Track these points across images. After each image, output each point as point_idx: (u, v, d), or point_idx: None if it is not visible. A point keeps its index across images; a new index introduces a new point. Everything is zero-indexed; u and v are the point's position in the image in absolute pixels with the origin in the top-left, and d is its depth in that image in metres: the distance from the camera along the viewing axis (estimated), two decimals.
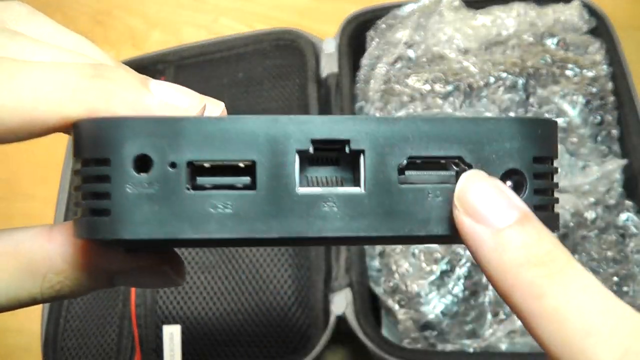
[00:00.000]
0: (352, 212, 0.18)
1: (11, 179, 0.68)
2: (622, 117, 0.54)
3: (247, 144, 0.17)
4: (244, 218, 0.17)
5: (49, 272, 0.20)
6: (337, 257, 0.52)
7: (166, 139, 0.17)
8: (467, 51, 0.58)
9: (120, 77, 0.19)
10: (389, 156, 0.18)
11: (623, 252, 0.49)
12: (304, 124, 0.18)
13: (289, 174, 0.17)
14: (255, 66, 0.61)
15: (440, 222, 0.18)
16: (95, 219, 0.17)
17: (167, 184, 0.17)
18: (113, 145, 0.17)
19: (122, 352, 0.51)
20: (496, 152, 0.18)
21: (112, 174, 0.17)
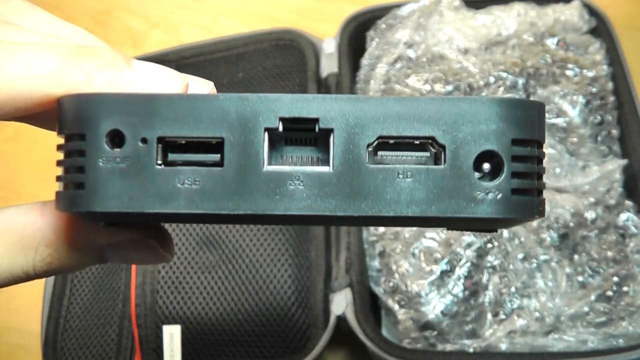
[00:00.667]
0: (319, 191, 0.18)
1: (11, 179, 0.68)
2: (622, 117, 0.54)
3: (216, 121, 0.18)
4: (210, 194, 0.18)
5: (40, 245, 0.21)
6: (337, 257, 0.52)
7: (138, 116, 0.17)
8: (467, 51, 0.58)
9: (103, 56, 0.19)
10: (358, 135, 0.18)
11: (623, 252, 0.49)
12: (272, 102, 0.18)
13: (256, 152, 0.18)
14: (255, 66, 0.61)
15: (410, 203, 0.18)
16: (72, 192, 0.18)
17: (137, 159, 0.17)
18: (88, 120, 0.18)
19: (122, 352, 0.51)
20: (472, 133, 0.18)
21: (87, 149, 0.18)
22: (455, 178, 0.18)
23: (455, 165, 0.18)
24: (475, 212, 0.18)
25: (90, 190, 0.18)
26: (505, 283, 0.48)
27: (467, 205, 0.18)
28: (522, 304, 0.47)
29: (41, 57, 0.19)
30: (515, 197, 0.18)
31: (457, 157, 0.18)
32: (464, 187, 0.18)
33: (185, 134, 0.18)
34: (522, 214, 0.18)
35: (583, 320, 0.47)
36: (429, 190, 0.18)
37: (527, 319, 0.47)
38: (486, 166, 0.18)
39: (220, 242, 0.53)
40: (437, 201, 0.18)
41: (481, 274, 0.48)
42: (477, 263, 0.48)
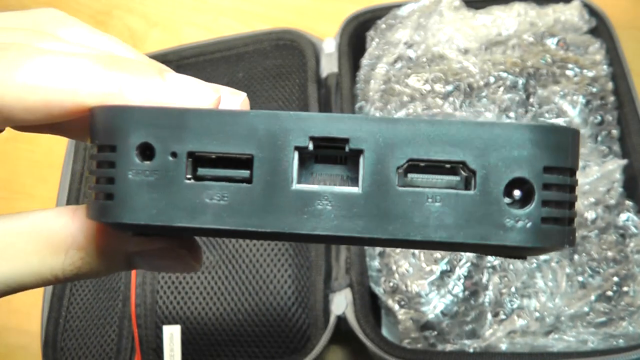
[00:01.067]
0: (347, 211, 0.18)
1: (11, 179, 0.68)
2: (622, 117, 0.54)
3: (246, 137, 0.17)
4: (238, 210, 0.18)
5: (71, 248, 0.21)
6: (337, 257, 0.52)
7: (169, 129, 0.18)
8: (467, 51, 0.58)
9: (136, 66, 0.20)
10: (388, 157, 0.18)
11: (623, 252, 0.49)
12: (303, 121, 0.18)
13: (285, 170, 0.18)
14: (255, 66, 0.61)
15: (438, 228, 0.18)
16: (102, 202, 0.18)
17: (167, 172, 0.18)
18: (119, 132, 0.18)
19: (122, 352, 0.51)
20: (503, 159, 0.17)
21: (117, 160, 0.18)
22: (485, 204, 0.17)
23: (485, 191, 0.17)
24: (504, 239, 0.17)
25: (119, 202, 0.18)
26: (505, 283, 0.48)
27: (495, 233, 0.17)
28: (522, 304, 0.47)
29: (74, 66, 0.19)
30: (545, 226, 0.18)
31: (488, 183, 0.17)
32: (494, 213, 0.17)
33: (215, 150, 0.18)
34: (551, 243, 0.18)
35: (583, 320, 0.47)
36: (457, 216, 0.17)
37: (527, 319, 0.47)
38: (517, 193, 0.18)
39: (220, 242, 0.53)
40: (465, 227, 0.17)
41: (481, 274, 0.48)
42: (477, 263, 0.48)
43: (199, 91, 0.20)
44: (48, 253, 0.21)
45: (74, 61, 0.19)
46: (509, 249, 0.18)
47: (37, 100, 0.19)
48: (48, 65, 0.19)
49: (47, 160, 0.66)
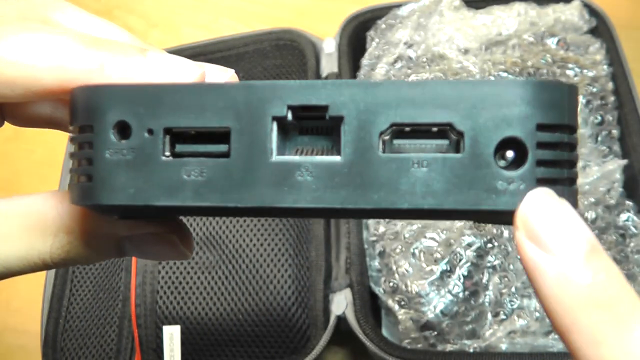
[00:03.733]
0: (329, 182, 0.17)
1: (11, 178, 0.68)
2: (623, 117, 0.54)
3: (222, 110, 0.17)
4: (217, 186, 0.17)
5: (60, 231, 0.21)
6: (337, 257, 0.52)
7: (144, 106, 0.17)
8: (467, 51, 0.58)
9: (117, 45, 0.19)
10: (370, 123, 0.17)
11: (623, 252, 0.49)
12: (279, 90, 0.17)
13: (263, 141, 0.17)
14: (255, 66, 0.61)
15: (426, 194, 0.16)
16: (81, 184, 0.18)
17: (143, 150, 0.17)
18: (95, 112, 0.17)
19: (122, 352, 0.51)
20: (492, 118, 0.16)
21: (95, 140, 0.17)
22: (475, 167, 0.16)
23: (474, 153, 0.16)
24: (496, 204, 0.16)
25: (97, 183, 0.17)
26: (505, 283, 0.48)
27: (487, 197, 0.16)
28: (522, 304, 0.47)
29: (55, 43, 0.19)
30: (542, 186, 0.17)
31: (477, 145, 0.16)
32: (484, 177, 0.16)
33: (192, 124, 0.17)
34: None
35: None
36: (446, 181, 0.16)
37: (528, 319, 0.47)
38: (509, 154, 0.17)
39: (220, 242, 0.53)
40: (455, 192, 0.16)
41: (481, 274, 0.48)
42: (477, 263, 0.48)
43: (182, 67, 0.19)
44: (36, 236, 0.20)
45: (54, 38, 0.19)
46: (502, 214, 0.17)
47: (16, 75, 0.19)
48: (29, 41, 0.19)
49: (47, 160, 0.66)
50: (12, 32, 0.19)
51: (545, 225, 0.16)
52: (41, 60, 0.19)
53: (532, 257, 0.16)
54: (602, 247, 0.16)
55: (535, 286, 0.16)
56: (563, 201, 0.16)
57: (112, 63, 0.19)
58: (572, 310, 0.16)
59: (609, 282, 0.16)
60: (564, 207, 0.16)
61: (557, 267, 0.16)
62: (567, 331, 0.16)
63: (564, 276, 0.16)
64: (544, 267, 0.16)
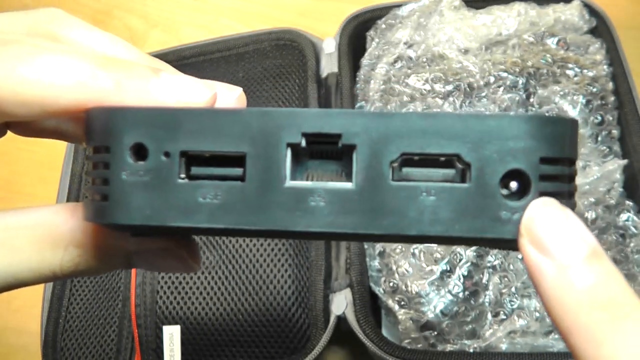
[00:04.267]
0: (341, 207, 0.17)
1: (11, 179, 0.68)
2: (623, 117, 0.54)
3: (238, 135, 0.17)
4: (231, 209, 0.17)
5: (70, 244, 0.21)
6: (337, 257, 0.52)
7: (162, 129, 0.17)
8: (467, 51, 0.58)
9: (131, 66, 0.20)
10: (381, 152, 0.17)
11: (623, 252, 0.49)
12: (295, 117, 0.17)
13: (278, 167, 0.17)
14: (255, 66, 0.61)
15: (434, 222, 0.17)
16: (97, 203, 0.18)
17: (160, 172, 0.17)
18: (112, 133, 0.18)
19: (122, 352, 0.51)
20: (498, 151, 0.17)
21: (111, 161, 0.18)
22: (481, 197, 0.17)
23: (480, 183, 0.17)
24: (501, 232, 0.17)
25: (113, 203, 0.18)
26: (505, 283, 0.48)
27: (492, 226, 0.17)
28: (522, 304, 0.47)
29: (71, 63, 0.19)
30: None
31: (483, 176, 0.17)
32: (490, 206, 0.17)
33: (208, 148, 0.17)
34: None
35: None
36: (453, 209, 0.17)
37: (528, 319, 0.47)
38: (513, 185, 0.17)
39: (220, 242, 0.53)
40: (461, 220, 0.17)
41: (481, 274, 0.48)
42: (477, 263, 0.48)
43: (194, 89, 0.20)
44: (47, 249, 0.21)
45: (71, 58, 0.19)
46: (505, 242, 0.18)
47: (33, 96, 0.19)
48: (46, 61, 0.19)
49: (47, 160, 0.66)
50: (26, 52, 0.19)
51: (547, 230, 0.17)
52: (58, 80, 0.19)
53: (534, 260, 0.17)
54: (603, 251, 0.17)
55: (538, 289, 0.17)
56: (564, 208, 0.17)
57: (127, 84, 0.19)
58: (572, 312, 0.16)
59: (609, 284, 0.16)
60: (565, 213, 0.17)
61: (558, 269, 0.16)
62: (568, 332, 0.16)
63: (564, 278, 0.16)
64: (545, 270, 0.17)
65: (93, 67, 0.19)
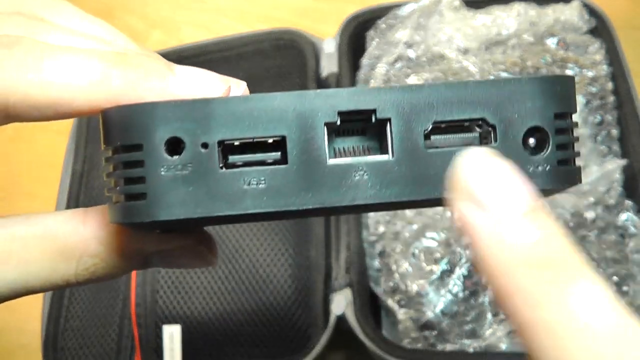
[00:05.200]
0: (383, 179, 0.18)
1: (11, 179, 0.68)
2: (622, 117, 0.54)
3: (276, 120, 0.18)
4: (277, 192, 0.18)
5: (84, 255, 0.20)
6: (337, 257, 0.52)
7: (196, 121, 0.17)
8: (467, 51, 0.58)
9: (146, 64, 0.19)
10: (414, 122, 0.18)
11: (623, 252, 0.49)
12: (331, 97, 0.18)
13: (319, 147, 0.18)
14: (255, 66, 0.61)
15: None
16: (132, 203, 0.18)
17: (200, 164, 0.17)
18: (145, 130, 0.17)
19: (122, 352, 0.51)
20: (518, 111, 0.19)
21: (146, 159, 0.17)
22: (508, 155, 0.18)
23: (506, 143, 0.19)
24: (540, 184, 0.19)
25: (153, 200, 0.17)
26: None
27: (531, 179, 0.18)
28: None
29: (84, 65, 0.19)
30: (561, 167, 0.19)
31: (507, 136, 0.19)
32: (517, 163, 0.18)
33: (246, 135, 0.18)
34: (567, 182, 0.19)
35: None
36: None
37: None
38: (531, 141, 0.19)
39: (220, 242, 0.53)
40: None
41: None
42: None
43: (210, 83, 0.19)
44: (59, 261, 0.20)
45: (83, 58, 0.19)
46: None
47: (46, 100, 0.18)
48: (58, 64, 0.18)
49: (47, 160, 0.66)
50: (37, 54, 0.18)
51: (480, 181, 0.16)
52: (72, 82, 0.18)
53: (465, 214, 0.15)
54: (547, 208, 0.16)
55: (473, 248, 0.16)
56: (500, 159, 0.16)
57: (143, 82, 0.19)
58: (509, 271, 0.15)
59: (549, 242, 0.15)
60: (501, 164, 0.16)
61: (494, 224, 0.15)
62: (503, 294, 0.15)
63: (500, 234, 0.15)
64: (480, 227, 0.15)
65: (107, 66, 0.19)
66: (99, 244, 0.20)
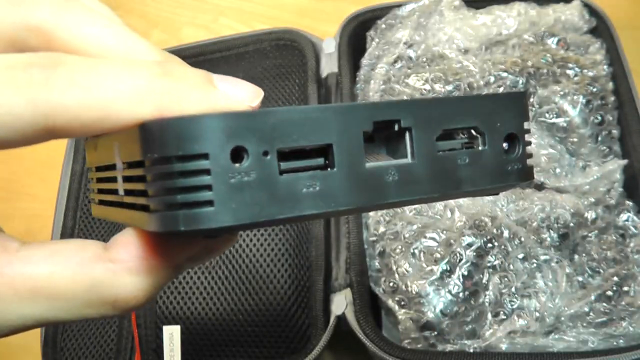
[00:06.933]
0: (408, 178, 0.21)
1: (11, 179, 0.68)
2: (623, 117, 0.54)
3: (325, 129, 0.20)
4: (329, 194, 0.20)
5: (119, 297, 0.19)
6: (337, 257, 0.52)
7: (259, 131, 0.19)
8: (467, 51, 0.58)
9: (188, 76, 0.19)
10: (429, 130, 0.21)
11: (623, 252, 0.49)
12: (370, 109, 0.20)
13: (358, 152, 0.20)
14: (255, 66, 0.61)
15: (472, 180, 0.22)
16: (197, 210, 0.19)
17: (262, 171, 0.19)
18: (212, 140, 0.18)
19: (122, 352, 0.51)
20: (500, 120, 0.22)
21: (212, 167, 0.18)
22: (495, 157, 0.22)
23: (492, 147, 0.22)
24: (511, 181, 0.23)
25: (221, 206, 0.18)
26: (505, 283, 0.48)
27: (505, 177, 0.22)
28: (522, 304, 0.47)
29: (129, 80, 0.18)
30: (527, 165, 0.23)
31: (493, 141, 0.22)
32: (501, 162, 0.22)
33: (301, 144, 0.19)
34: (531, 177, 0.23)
35: (583, 321, 0.47)
36: (481, 169, 0.22)
37: (527, 319, 0.47)
38: (505, 145, 0.23)
39: None
40: (487, 176, 0.22)
41: (481, 274, 0.48)
42: (477, 263, 0.48)
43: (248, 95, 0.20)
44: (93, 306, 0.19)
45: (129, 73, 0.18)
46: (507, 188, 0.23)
47: (94, 116, 0.18)
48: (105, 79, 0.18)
49: (47, 160, 0.66)
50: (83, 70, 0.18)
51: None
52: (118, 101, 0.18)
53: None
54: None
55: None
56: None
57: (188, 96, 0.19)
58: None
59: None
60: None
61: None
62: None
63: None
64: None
65: (152, 78, 0.18)
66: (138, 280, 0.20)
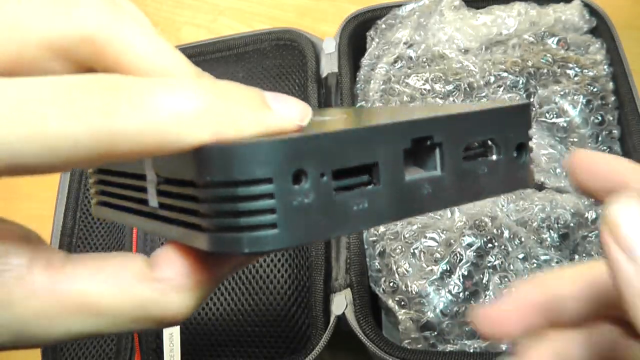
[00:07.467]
0: (439, 189, 0.22)
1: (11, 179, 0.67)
2: (623, 117, 0.54)
3: (372, 148, 0.21)
4: (376, 210, 0.21)
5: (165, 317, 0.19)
6: (337, 257, 0.52)
7: (317, 153, 0.20)
8: (467, 51, 0.58)
9: (243, 96, 0.19)
10: (455, 144, 0.22)
11: None
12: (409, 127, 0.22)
13: (400, 169, 0.21)
14: (255, 66, 0.61)
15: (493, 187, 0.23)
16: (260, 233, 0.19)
17: (320, 192, 0.20)
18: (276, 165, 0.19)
19: (122, 352, 0.51)
20: (512, 131, 0.24)
21: (276, 191, 0.19)
22: (509, 163, 0.24)
23: (506, 156, 0.24)
24: (521, 186, 0.24)
25: (285, 228, 0.19)
26: (505, 283, 0.48)
27: (518, 181, 0.24)
28: None
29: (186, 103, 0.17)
30: (531, 169, 0.24)
31: (507, 150, 0.24)
32: (515, 168, 0.24)
33: (352, 164, 0.20)
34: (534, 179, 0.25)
35: None
36: (499, 176, 0.24)
37: None
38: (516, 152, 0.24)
39: None
40: (505, 182, 0.24)
41: (481, 274, 0.48)
42: (477, 263, 0.48)
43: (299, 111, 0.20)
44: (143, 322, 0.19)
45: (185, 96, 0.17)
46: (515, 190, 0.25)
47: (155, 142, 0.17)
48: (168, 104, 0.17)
49: None
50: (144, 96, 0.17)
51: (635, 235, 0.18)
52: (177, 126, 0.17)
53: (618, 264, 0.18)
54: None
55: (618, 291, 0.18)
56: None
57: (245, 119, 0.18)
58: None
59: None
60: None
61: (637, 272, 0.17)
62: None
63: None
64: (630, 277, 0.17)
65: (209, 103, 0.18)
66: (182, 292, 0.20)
